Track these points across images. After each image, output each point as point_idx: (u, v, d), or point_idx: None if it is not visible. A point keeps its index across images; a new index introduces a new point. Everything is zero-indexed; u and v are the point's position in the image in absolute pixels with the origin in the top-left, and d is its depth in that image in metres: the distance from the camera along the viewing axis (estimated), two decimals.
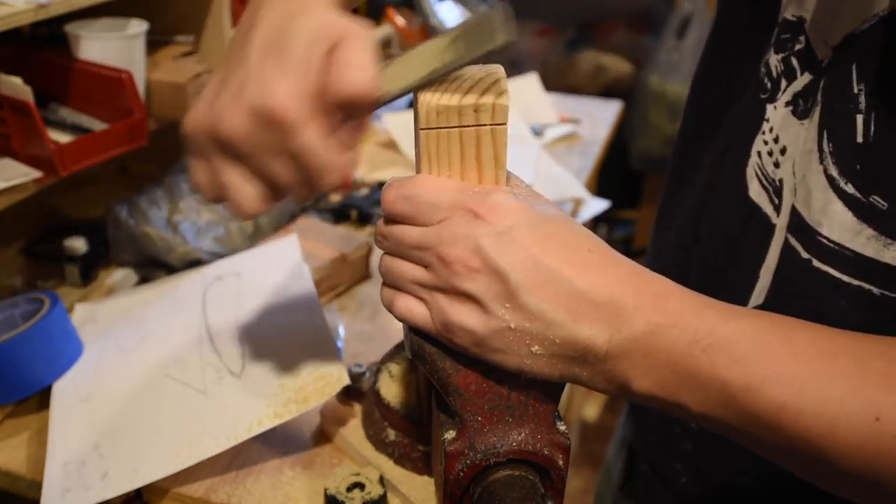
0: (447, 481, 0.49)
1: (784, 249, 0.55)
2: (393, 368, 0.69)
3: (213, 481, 0.68)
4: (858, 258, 0.50)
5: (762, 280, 0.57)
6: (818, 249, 0.52)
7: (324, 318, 0.77)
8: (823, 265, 0.52)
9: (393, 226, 0.47)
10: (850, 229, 0.50)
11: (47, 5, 0.79)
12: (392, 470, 0.66)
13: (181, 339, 0.80)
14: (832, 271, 0.52)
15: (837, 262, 0.51)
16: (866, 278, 0.50)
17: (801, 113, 0.53)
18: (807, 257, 0.53)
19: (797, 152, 0.53)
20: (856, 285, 0.51)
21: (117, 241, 0.97)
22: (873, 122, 0.48)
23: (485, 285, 0.43)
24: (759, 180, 0.57)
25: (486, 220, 0.43)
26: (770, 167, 0.56)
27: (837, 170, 0.50)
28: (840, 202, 0.50)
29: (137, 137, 0.92)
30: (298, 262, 0.88)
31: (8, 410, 0.77)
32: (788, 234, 0.54)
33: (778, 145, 0.55)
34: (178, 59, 1.04)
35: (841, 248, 0.51)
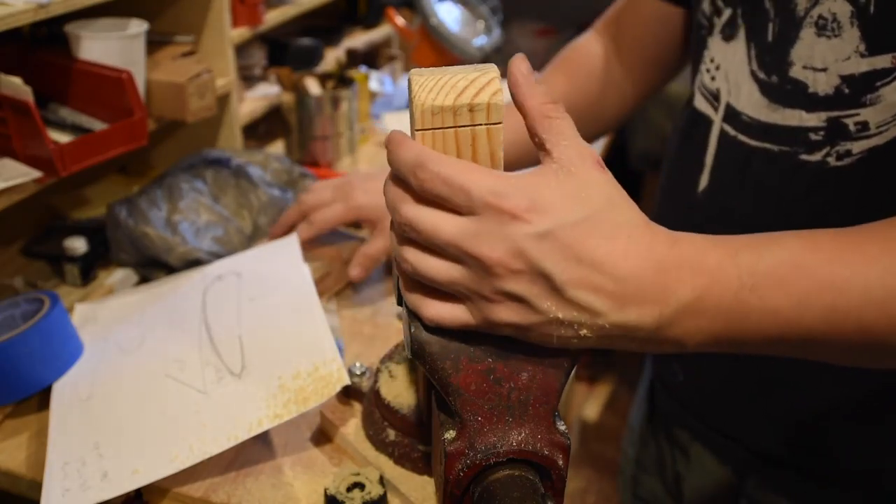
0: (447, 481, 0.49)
1: (720, 134, 0.70)
2: (393, 368, 0.69)
3: (213, 481, 0.68)
4: (761, 125, 0.66)
5: (706, 166, 0.72)
6: (740, 125, 0.68)
7: (324, 318, 0.77)
8: (743, 136, 0.68)
9: (423, 213, 0.44)
10: (757, 104, 0.66)
11: (47, 5, 0.79)
12: (392, 470, 0.66)
13: (181, 339, 0.80)
14: (748, 140, 0.67)
15: (750, 131, 0.67)
16: (766, 139, 0.66)
17: (727, 37, 0.69)
18: (733, 134, 0.69)
19: (729, 65, 0.69)
20: (762, 147, 0.66)
21: (117, 241, 0.97)
22: (777, 25, 0.64)
23: (529, 285, 0.43)
24: (701, 93, 0.73)
25: (525, 220, 0.42)
26: (708, 81, 0.72)
27: (756, 64, 0.66)
28: (755, 86, 0.66)
29: (137, 137, 0.92)
30: (298, 261, 0.88)
31: (8, 410, 0.77)
32: (723, 123, 0.70)
33: (713, 64, 0.71)
34: (178, 59, 1.04)
35: (752, 120, 0.67)
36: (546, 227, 0.42)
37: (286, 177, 1.10)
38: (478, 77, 0.45)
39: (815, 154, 0.63)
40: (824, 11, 0.60)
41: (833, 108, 0.61)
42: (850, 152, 0.61)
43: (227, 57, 1.12)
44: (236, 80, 1.17)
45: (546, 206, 0.42)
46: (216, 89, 1.06)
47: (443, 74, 0.45)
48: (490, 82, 0.45)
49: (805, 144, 0.63)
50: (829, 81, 0.61)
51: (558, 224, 0.42)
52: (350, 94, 1.31)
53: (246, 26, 1.19)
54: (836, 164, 0.62)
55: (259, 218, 1.03)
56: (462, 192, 0.42)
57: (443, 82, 0.45)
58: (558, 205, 0.42)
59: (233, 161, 1.06)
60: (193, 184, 1.02)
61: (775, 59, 0.64)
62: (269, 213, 1.04)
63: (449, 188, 0.43)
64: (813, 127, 0.63)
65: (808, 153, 0.63)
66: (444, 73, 0.45)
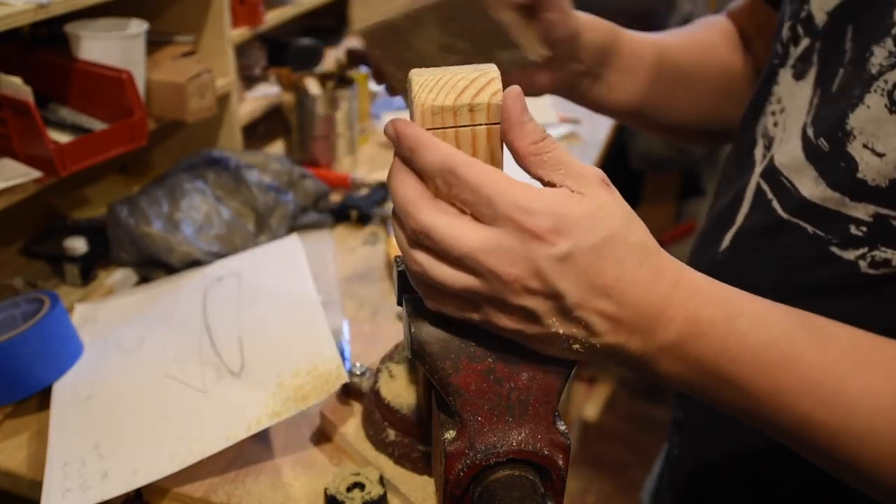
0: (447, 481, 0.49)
1: (756, 194, 0.60)
2: (393, 368, 0.69)
3: (213, 481, 0.68)
4: (798, 194, 0.55)
5: (735, 225, 0.62)
6: (779, 189, 0.58)
7: (323, 318, 0.77)
8: (777, 203, 0.57)
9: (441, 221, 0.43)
10: (801, 170, 0.55)
11: (47, 5, 0.79)
12: (392, 470, 0.66)
13: (181, 339, 0.80)
14: (779, 209, 0.57)
15: (786, 199, 0.56)
16: (801, 216, 0.55)
17: (798, 74, 0.58)
18: (770, 197, 0.58)
19: (791, 110, 0.58)
20: (794, 222, 0.56)
21: (117, 241, 0.97)
22: (846, 73, 0.53)
23: (541, 303, 0.43)
24: (763, 139, 0.62)
25: (547, 241, 0.41)
26: (770, 126, 0.61)
27: (812, 117, 0.55)
28: (800, 143, 0.56)
29: (137, 137, 0.91)
30: (299, 261, 0.88)
31: (8, 410, 0.77)
32: (760, 178, 0.60)
33: (780, 105, 0.60)
34: (178, 59, 1.04)
35: (791, 186, 0.56)
36: (566, 249, 0.42)
37: (286, 177, 1.10)
38: (478, 77, 0.45)
39: (849, 251, 0.52)
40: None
41: (883, 205, 0.50)
42: (889, 262, 0.51)
43: (227, 57, 1.12)
44: (236, 80, 1.17)
45: (568, 227, 0.42)
46: (216, 89, 1.06)
47: (443, 74, 0.45)
48: (490, 82, 0.45)
49: (842, 237, 0.53)
50: (885, 172, 0.49)
51: (578, 247, 0.42)
52: (350, 95, 1.31)
53: (246, 26, 1.19)
54: (867, 272, 0.52)
55: (262, 218, 1.03)
56: (487, 202, 0.42)
57: (443, 82, 0.45)
58: (578, 227, 0.42)
59: (232, 162, 1.06)
60: (195, 183, 1.02)
61: (831, 120, 0.53)
62: (270, 214, 1.04)
63: (475, 196, 0.42)
64: (856, 219, 0.52)
65: (842, 248, 0.53)
66: (444, 72, 0.45)
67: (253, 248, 0.97)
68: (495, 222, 0.42)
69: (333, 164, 1.32)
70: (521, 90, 0.45)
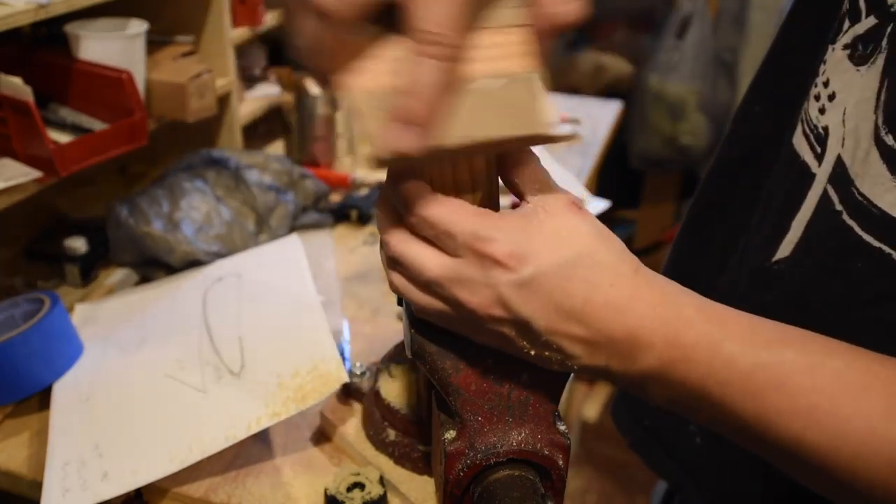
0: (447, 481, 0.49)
1: (821, 201, 0.51)
2: (393, 368, 0.69)
3: (213, 481, 0.68)
4: (884, 217, 0.47)
5: (793, 232, 0.54)
6: (849, 202, 0.49)
7: (323, 317, 0.77)
8: (850, 220, 0.49)
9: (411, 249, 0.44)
10: (881, 184, 0.46)
11: (47, 5, 0.79)
12: (392, 470, 0.66)
13: (181, 339, 0.80)
14: (856, 228, 0.49)
15: (863, 218, 0.48)
16: (886, 240, 0.47)
17: (859, 59, 0.49)
18: (839, 209, 0.50)
19: (851, 100, 0.49)
20: (875, 246, 0.48)
21: (117, 241, 0.97)
22: None
23: (508, 328, 0.43)
24: (802, 126, 0.54)
25: (507, 267, 0.41)
26: (815, 112, 0.52)
27: (884, 116, 0.47)
28: (876, 152, 0.47)
29: (137, 137, 0.92)
30: (299, 261, 0.88)
31: (8, 410, 0.77)
32: (828, 185, 0.51)
33: (827, 90, 0.51)
34: (178, 59, 1.04)
35: (869, 203, 0.48)
36: (527, 274, 0.41)
37: (286, 177, 1.10)
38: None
39: None
40: None
41: None
42: None
43: (227, 57, 1.12)
44: (236, 80, 1.17)
45: (528, 252, 0.41)
46: (216, 89, 1.06)
47: None
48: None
49: None
50: None
51: (540, 271, 0.41)
52: None
53: (246, 26, 1.19)
54: None
55: (262, 218, 1.03)
56: (447, 235, 0.42)
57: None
58: (540, 250, 0.41)
59: (232, 162, 1.06)
60: (195, 183, 1.02)
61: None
62: (270, 214, 1.04)
63: (434, 231, 0.43)
64: None
65: None
66: None
67: (253, 248, 0.97)
68: (457, 253, 0.42)
69: (333, 164, 1.32)
70: None
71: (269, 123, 1.39)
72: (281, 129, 1.35)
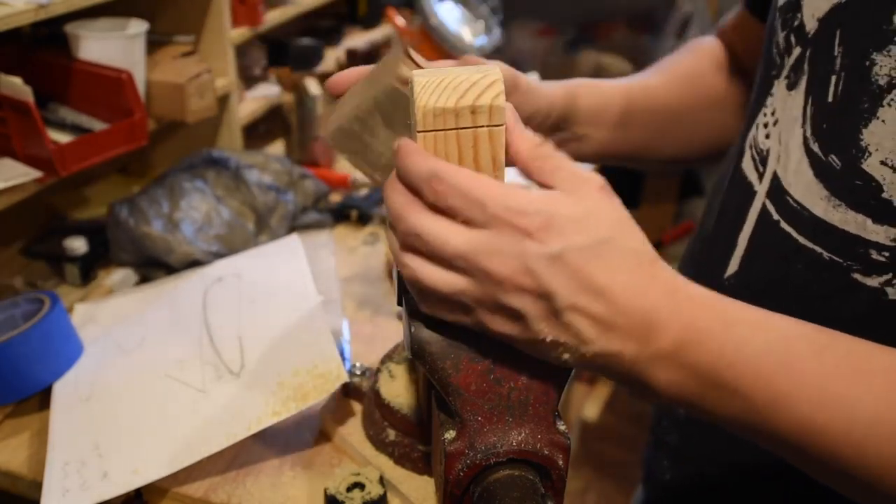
0: (447, 481, 0.49)
1: (761, 214, 0.57)
2: (393, 368, 0.69)
3: (213, 481, 0.68)
4: (813, 218, 0.52)
5: (739, 247, 0.59)
6: (785, 210, 0.54)
7: (323, 317, 0.77)
8: (787, 226, 0.54)
9: (432, 223, 0.43)
10: (810, 189, 0.52)
11: (47, 5, 0.79)
12: (392, 470, 0.66)
13: (181, 339, 0.80)
14: (793, 233, 0.54)
15: (798, 222, 0.54)
16: (816, 240, 0.52)
17: (791, 84, 0.55)
18: (776, 219, 0.55)
19: (784, 121, 0.55)
20: (809, 248, 0.53)
21: (117, 241, 0.97)
22: (842, 81, 0.50)
23: (531, 304, 0.42)
24: (750, 151, 0.60)
25: (537, 239, 0.41)
26: (761, 138, 0.58)
27: (811, 130, 0.52)
28: (807, 161, 0.52)
29: (137, 137, 0.92)
30: (299, 261, 0.88)
31: (8, 410, 0.77)
32: (766, 199, 0.57)
33: (773, 117, 0.57)
34: (178, 59, 1.04)
35: (801, 207, 0.53)
36: (558, 248, 0.41)
37: (286, 177, 1.10)
38: (480, 79, 0.45)
39: (873, 278, 0.50)
40: None
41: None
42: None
43: (227, 57, 1.12)
44: (236, 80, 1.17)
45: (559, 227, 0.42)
46: (216, 89, 1.06)
47: (444, 76, 0.45)
48: (492, 84, 0.45)
49: (864, 263, 0.50)
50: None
51: (569, 247, 0.42)
52: None
53: (246, 26, 1.19)
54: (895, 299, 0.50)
55: (262, 218, 1.03)
56: (478, 205, 0.42)
57: (444, 84, 0.45)
58: (570, 227, 0.42)
59: (232, 162, 1.06)
60: (195, 183, 1.02)
61: (840, 134, 0.51)
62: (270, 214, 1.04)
63: (464, 200, 0.42)
64: (877, 243, 0.49)
65: (865, 274, 0.50)
66: (445, 74, 0.45)
67: (253, 248, 0.97)
68: (486, 224, 0.42)
69: (333, 164, 1.32)
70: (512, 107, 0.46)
71: (269, 123, 1.39)
72: (281, 129, 1.35)
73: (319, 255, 1.06)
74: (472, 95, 0.44)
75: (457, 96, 0.44)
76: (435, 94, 0.44)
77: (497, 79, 0.45)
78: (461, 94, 0.44)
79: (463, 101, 0.44)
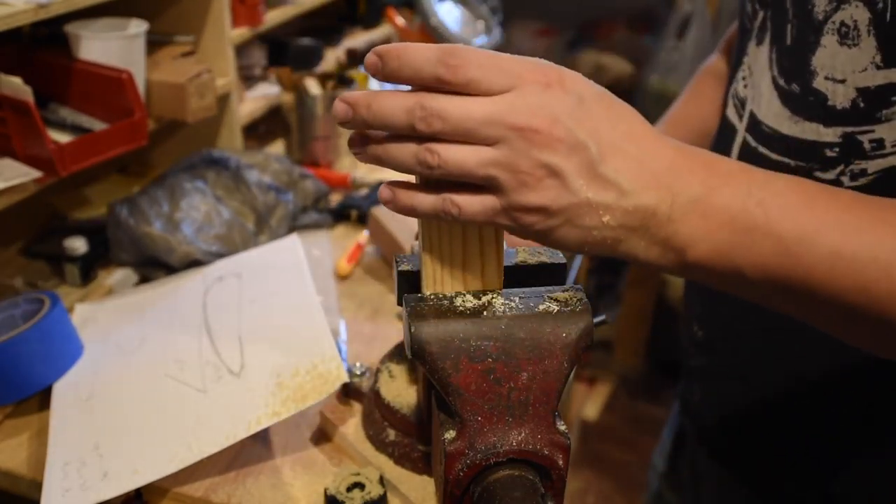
0: (447, 481, 0.49)
1: (742, 145, 0.67)
2: (393, 368, 0.69)
3: (213, 481, 0.68)
4: (780, 136, 0.62)
5: None
6: (761, 136, 0.65)
7: (323, 317, 0.77)
8: (763, 148, 0.64)
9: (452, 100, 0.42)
10: (777, 115, 0.63)
11: (47, 5, 0.79)
12: (392, 470, 0.66)
13: (181, 339, 0.80)
14: (767, 151, 0.64)
15: (769, 143, 0.64)
16: (784, 153, 0.62)
17: (759, 41, 0.66)
18: (754, 145, 0.65)
19: (757, 71, 0.66)
20: (780, 160, 0.62)
21: (117, 241, 0.97)
22: (794, 27, 0.61)
23: (566, 157, 0.42)
24: (732, 100, 0.70)
25: (557, 88, 0.42)
26: (741, 88, 0.69)
27: (777, 69, 0.63)
28: (775, 93, 0.63)
29: (137, 137, 0.92)
30: (299, 261, 0.88)
31: (8, 411, 0.77)
32: (746, 133, 0.66)
33: (749, 70, 0.68)
34: (178, 59, 1.04)
35: (772, 131, 0.63)
36: (578, 94, 0.43)
37: (286, 177, 1.10)
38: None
39: (830, 172, 0.59)
40: (846, 18, 0.56)
41: (849, 124, 0.58)
42: (865, 171, 0.58)
43: (227, 57, 1.12)
44: (236, 80, 1.17)
45: (573, 80, 0.43)
46: (216, 89, 1.06)
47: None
48: None
49: (821, 161, 0.60)
50: (847, 94, 0.57)
51: (588, 94, 0.43)
52: None
53: (246, 26, 1.19)
54: (850, 185, 0.58)
55: (262, 218, 1.03)
56: (496, 68, 0.42)
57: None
58: (582, 81, 0.44)
59: (232, 161, 1.06)
60: (195, 183, 1.02)
61: (797, 66, 0.61)
62: (270, 214, 1.04)
63: (482, 68, 0.42)
64: (829, 143, 0.59)
65: (823, 170, 0.60)
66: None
67: (253, 248, 0.97)
68: (508, 87, 0.42)
69: (333, 164, 1.32)
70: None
71: (269, 123, 1.39)
72: (281, 129, 1.35)
73: (319, 255, 1.06)
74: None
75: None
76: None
77: None
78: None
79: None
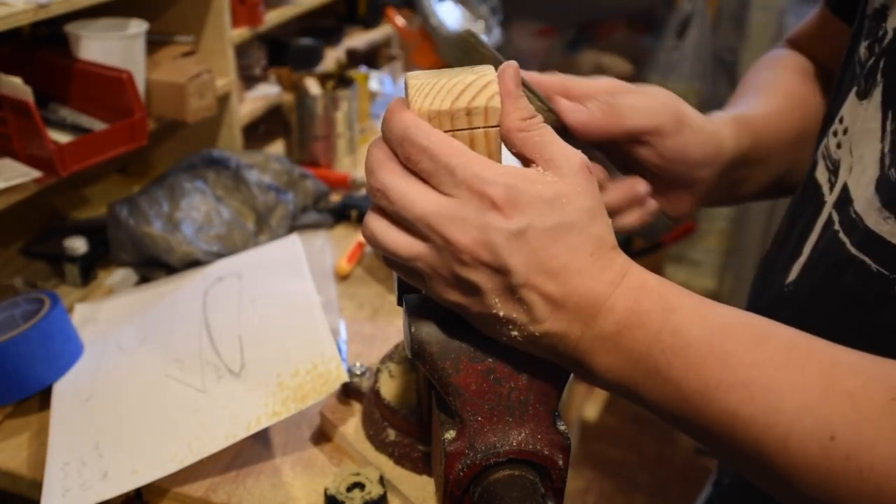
0: (447, 481, 0.49)
1: (826, 223, 0.56)
2: (393, 368, 0.69)
3: (213, 481, 0.68)
4: (865, 229, 0.51)
5: (803, 255, 0.58)
6: (846, 221, 0.54)
7: (323, 317, 0.77)
8: (843, 235, 0.54)
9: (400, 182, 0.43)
10: (868, 201, 0.51)
11: (47, 5, 0.79)
12: (392, 470, 0.66)
13: (181, 339, 0.80)
14: (847, 242, 0.53)
15: (852, 231, 0.53)
16: (865, 250, 0.52)
17: (861, 93, 0.54)
18: (837, 228, 0.54)
19: (856, 131, 0.54)
20: (860, 258, 0.52)
21: (118, 240, 0.97)
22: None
23: (487, 278, 0.42)
24: (823, 160, 0.58)
25: (502, 212, 0.41)
26: (833, 147, 0.57)
27: (889, 146, 0.50)
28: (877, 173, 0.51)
29: (137, 137, 0.92)
30: (299, 261, 0.88)
31: (8, 410, 0.77)
32: (833, 209, 0.56)
33: (843, 125, 0.56)
34: (178, 59, 1.04)
35: (858, 218, 0.52)
36: (521, 225, 0.41)
37: (286, 177, 1.10)
38: (475, 80, 0.45)
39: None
40: None
41: None
42: None
43: (227, 57, 1.12)
44: (236, 80, 1.17)
45: (525, 203, 0.42)
46: (216, 89, 1.06)
47: (439, 77, 0.45)
48: (487, 85, 0.45)
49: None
50: None
51: (532, 226, 0.42)
52: (350, 95, 1.31)
53: (246, 26, 1.19)
54: None
55: (262, 218, 1.03)
56: (447, 170, 0.42)
57: (439, 86, 0.44)
58: (537, 206, 0.42)
59: (232, 162, 1.06)
60: (195, 183, 1.02)
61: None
62: (270, 214, 1.04)
63: (434, 165, 0.42)
64: None
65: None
66: (440, 75, 0.45)
67: (253, 248, 0.97)
68: (454, 191, 0.42)
69: (333, 164, 1.32)
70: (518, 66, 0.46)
71: (269, 123, 1.39)
72: (281, 129, 1.35)
73: (319, 255, 1.06)
74: (467, 97, 0.44)
75: (451, 98, 0.44)
76: (430, 96, 0.44)
77: (492, 80, 0.45)
78: (456, 96, 0.44)
79: (458, 104, 0.44)
